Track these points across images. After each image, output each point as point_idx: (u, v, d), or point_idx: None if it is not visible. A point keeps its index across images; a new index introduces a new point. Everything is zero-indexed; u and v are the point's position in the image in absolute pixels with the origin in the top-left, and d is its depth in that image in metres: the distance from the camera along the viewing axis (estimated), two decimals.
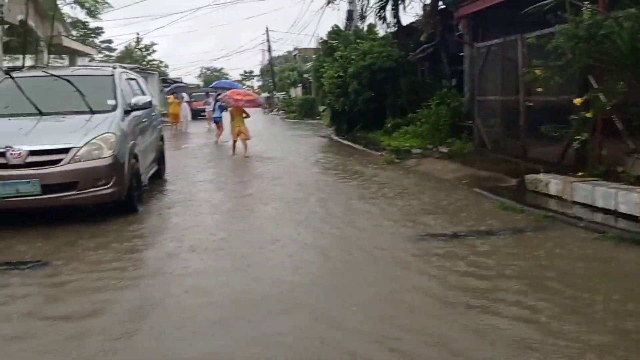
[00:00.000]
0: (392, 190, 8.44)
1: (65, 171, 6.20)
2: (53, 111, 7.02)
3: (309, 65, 37.27)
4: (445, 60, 13.59)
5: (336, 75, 16.93)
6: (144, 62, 45.95)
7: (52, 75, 7.47)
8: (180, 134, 22.96)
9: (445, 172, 9.63)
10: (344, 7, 21.13)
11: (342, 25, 19.84)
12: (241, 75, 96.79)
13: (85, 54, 20.17)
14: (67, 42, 16.90)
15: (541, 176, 7.51)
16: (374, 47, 16.23)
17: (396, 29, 15.55)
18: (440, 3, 12.97)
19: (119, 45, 62.55)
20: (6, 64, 13.04)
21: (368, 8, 17.50)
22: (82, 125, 6.69)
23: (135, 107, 7.78)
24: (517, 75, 9.83)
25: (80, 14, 17.24)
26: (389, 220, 6.40)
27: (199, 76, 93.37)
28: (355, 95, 16.17)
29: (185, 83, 43.41)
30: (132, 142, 7.23)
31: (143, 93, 9.51)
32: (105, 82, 7.74)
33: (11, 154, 6.02)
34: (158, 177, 9.89)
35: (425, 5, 14.11)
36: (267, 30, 54.69)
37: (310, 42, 40.08)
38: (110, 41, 69.12)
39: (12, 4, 12.63)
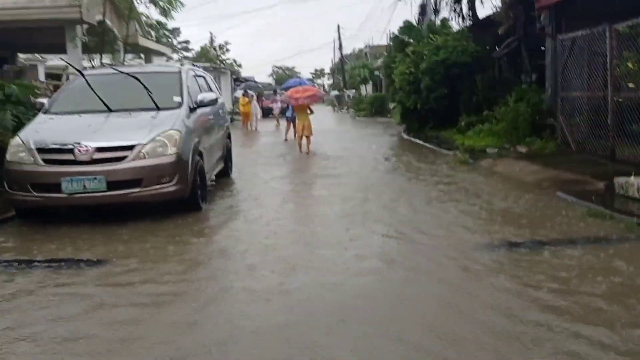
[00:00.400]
0: (465, 192, 7.93)
1: (130, 168, 6.19)
2: (121, 108, 7.07)
3: (379, 62, 36.75)
4: (525, 54, 12.78)
5: (408, 71, 16.43)
6: (218, 61, 46.99)
7: (121, 72, 7.51)
8: (250, 132, 23.18)
9: (524, 174, 8.97)
10: (416, 2, 20.60)
11: (414, 21, 19.26)
12: (312, 73, 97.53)
13: (160, 54, 20.71)
14: (143, 42, 17.38)
15: (632, 179, 6.77)
16: (448, 42, 15.60)
17: (471, 22, 14.80)
18: None
19: (195, 46, 64.79)
20: (85, 63, 13.52)
21: (442, 2, 16.86)
22: (148, 122, 6.68)
23: (201, 104, 7.72)
24: (605, 70, 9.02)
25: (155, 14, 17.68)
26: (461, 226, 5.93)
27: (271, 74, 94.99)
28: (427, 92, 15.61)
29: (255, 81, 44.02)
30: (197, 139, 7.16)
31: (210, 90, 9.52)
32: (172, 79, 7.73)
33: (79, 150, 6.08)
34: (224, 174, 9.86)
35: None
36: (338, 28, 54.45)
37: (381, 39, 39.57)
38: (187, 41, 71.83)
39: (90, 5, 13.06)
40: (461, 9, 14.80)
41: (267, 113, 38.74)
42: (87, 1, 12.91)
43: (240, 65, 54.27)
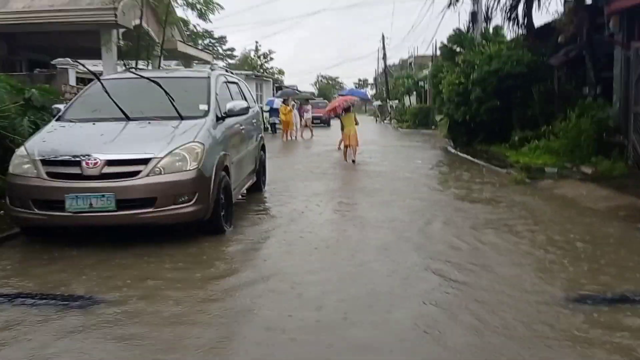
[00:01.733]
0: (524, 219, 6.90)
1: (143, 185, 5.45)
2: (141, 116, 6.38)
3: (424, 72, 35.62)
4: (589, 64, 11.58)
5: (457, 81, 15.37)
6: (261, 70, 46.79)
7: (142, 77, 6.82)
8: (290, 142, 22.48)
9: (593, 200, 7.85)
10: (466, 9, 19.51)
11: (464, 29, 18.18)
12: (355, 83, 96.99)
13: (201, 60, 20.29)
14: (182, 47, 16.93)
15: None
16: (502, 51, 14.49)
17: (527, 30, 13.67)
18: None
19: (240, 54, 65.01)
20: (119, 68, 13.07)
21: (495, 9, 15.74)
22: (168, 133, 5.95)
23: (231, 114, 6.97)
24: None
25: (193, 18, 17.20)
26: (527, 269, 4.92)
27: (315, 83, 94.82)
28: (477, 104, 14.52)
29: (298, 90, 43.44)
30: (223, 152, 6.39)
31: (244, 98, 8.80)
32: (199, 85, 7.01)
33: (87, 163, 5.38)
34: (257, 189, 9.11)
35: (566, 1, 12.18)
36: (382, 37, 53.70)
37: (427, 49, 38.39)
38: (232, 49, 72.45)
39: (126, 8, 12.60)
40: (516, 15, 13.65)
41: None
42: (122, 4, 12.46)
43: (283, 73, 53.94)
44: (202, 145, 5.83)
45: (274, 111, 27.86)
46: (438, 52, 23.03)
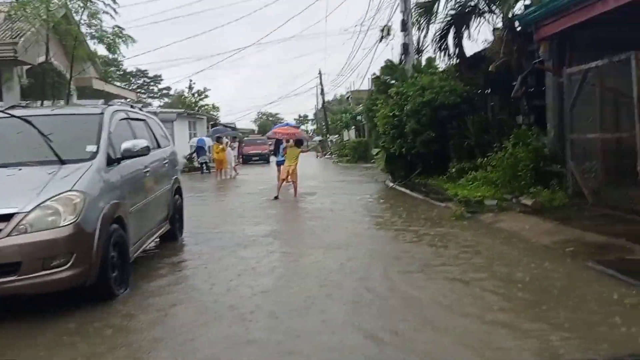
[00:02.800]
0: (469, 259, 6.22)
1: (3, 247, 4.36)
2: (13, 161, 5.30)
3: (361, 107, 35.62)
4: (522, 92, 11.32)
5: (391, 114, 14.94)
6: (195, 107, 45.58)
7: (9, 115, 5.76)
8: (224, 181, 21.43)
9: (538, 234, 7.27)
10: (398, 42, 19.36)
11: (396, 61, 17.94)
12: (295, 119, 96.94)
13: (124, 98, 19.10)
14: (98, 85, 15.75)
15: None
16: (435, 82, 14.18)
17: (459, 59, 13.42)
18: (516, 24, 10.80)
19: (174, 91, 63.60)
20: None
21: (426, 39, 15.53)
22: (42, 181, 4.89)
23: (128, 155, 5.97)
24: (630, 106, 7.51)
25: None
26: (482, 325, 4.15)
27: (255, 120, 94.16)
28: (413, 136, 14.07)
29: (234, 128, 42.58)
30: (116, 201, 5.37)
31: (154, 137, 7.85)
32: (89, 123, 5.99)
33: None
34: (171, 238, 8.07)
35: (495, 29, 11.99)
36: (320, 73, 53.78)
37: (361, 84, 38.56)
38: (168, 88, 71.02)
39: (29, 43, 11.44)
40: (447, 45, 13.40)
41: (247, 159, 37.24)
42: (24, 39, 11.30)
43: (217, 110, 52.82)
44: (81, 194, 4.80)
45: (202, 150, 26.72)
46: (373, 87, 22.90)
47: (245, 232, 8.89)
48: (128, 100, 17.82)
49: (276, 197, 13.12)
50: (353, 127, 39.59)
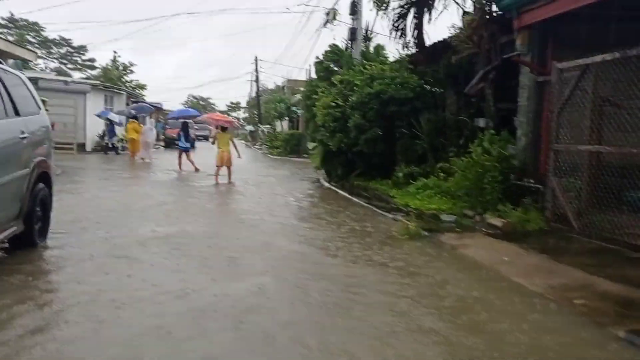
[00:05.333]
0: (431, 305, 4.38)
1: None
2: None
3: (297, 97, 33.57)
4: (488, 90, 9.67)
5: (333, 104, 12.98)
6: (119, 83, 41.80)
7: None
8: (136, 166, 18.73)
9: (523, 271, 5.49)
10: (341, 30, 17.53)
11: (342, 46, 16.01)
12: (227, 105, 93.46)
13: (18, 58, 16.01)
14: None
15: None
16: (385, 72, 12.36)
17: (418, 46, 11.64)
18: (493, 8, 9.10)
19: (100, 65, 58.93)
20: None
21: (376, 25, 13.76)
22: None
23: None
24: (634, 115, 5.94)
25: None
26: None
27: (185, 103, 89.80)
28: (356, 132, 12.18)
29: (160, 107, 39.35)
30: None
31: (7, 101, 5.49)
32: None
33: None
34: (28, 244, 5.75)
35: (465, 14, 10.26)
36: (256, 59, 51.24)
37: (299, 73, 36.53)
38: (93, 60, 66.02)
39: None
40: (404, 27, 11.58)
41: (170, 143, 34.19)
42: None
43: (143, 88, 48.92)
44: None
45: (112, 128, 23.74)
46: (313, 76, 20.80)
47: (135, 234, 6.64)
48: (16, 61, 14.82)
49: (229, 182, 13.25)
50: (287, 118, 37.43)
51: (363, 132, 12.09)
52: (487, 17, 9.35)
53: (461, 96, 10.89)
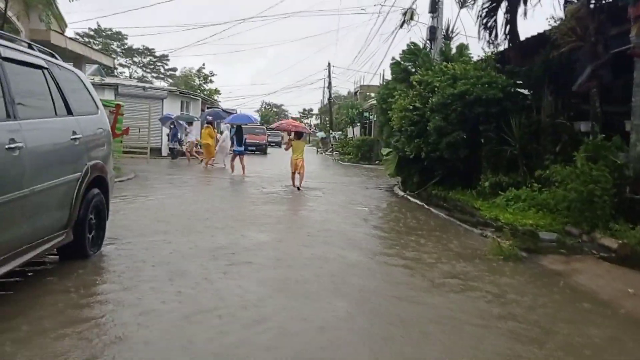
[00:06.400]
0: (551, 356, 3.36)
1: None
2: None
3: (370, 101, 32.69)
4: (594, 90, 8.41)
5: (411, 106, 12.01)
6: (198, 90, 42.46)
7: None
8: (208, 170, 18.49)
9: None
10: (418, 33, 16.47)
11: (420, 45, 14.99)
12: (300, 112, 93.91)
13: (97, 63, 16.19)
14: (58, 40, 12.82)
15: None
16: (469, 71, 11.27)
17: (510, 42, 10.47)
18: None
19: (180, 72, 60.73)
20: None
21: (457, 24, 12.71)
22: None
23: None
24: None
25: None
26: None
27: (258, 110, 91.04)
28: (437, 136, 11.15)
29: (230, 112, 39.60)
30: None
31: (58, 98, 5.04)
32: None
33: None
34: (78, 255, 5.28)
35: (567, 3, 9.03)
36: (329, 65, 50.85)
37: (372, 79, 35.66)
38: (175, 69, 68.57)
39: None
40: (494, 24, 10.46)
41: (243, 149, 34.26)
42: None
43: (218, 93, 49.46)
44: None
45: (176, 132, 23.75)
46: (385, 81, 19.75)
47: (204, 245, 6.01)
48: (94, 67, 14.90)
49: (298, 188, 13.17)
50: (359, 124, 36.60)
51: (445, 136, 11.04)
52: (594, 5, 8.11)
53: (559, 97, 9.63)
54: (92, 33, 60.83)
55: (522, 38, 10.36)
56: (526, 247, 6.76)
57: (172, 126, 23.81)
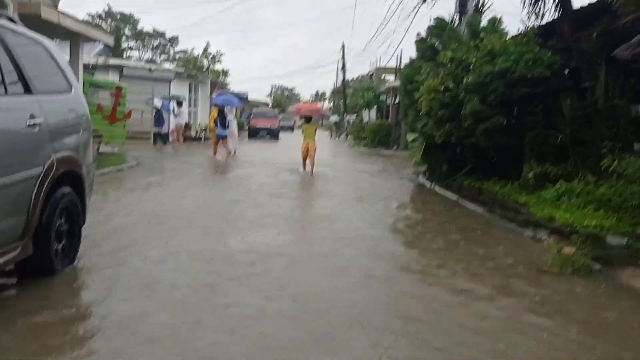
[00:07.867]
0: None
1: None
2: None
3: (387, 85, 31.24)
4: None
5: (442, 87, 10.69)
6: (206, 72, 41.18)
7: None
8: (213, 157, 17.34)
9: None
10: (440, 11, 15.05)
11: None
12: (312, 95, 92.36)
13: (94, 40, 15.01)
14: (48, 14, 11.59)
15: None
16: (510, 46, 9.93)
17: (562, 14, 9.09)
18: None
19: (187, 53, 59.59)
20: None
21: None
22: None
23: None
24: None
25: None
26: None
27: (269, 94, 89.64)
28: (473, 121, 9.84)
29: (243, 97, 38.39)
30: None
31: (12, 72, 3.88)
32: None
33: None
34: (40, 272, 4.18)
35: None
36: (342, 46, 49.20)
37: (389, 60, 34.15)
38: (185, 51, 67.47)
39: None
40: None
41: (254, 133, 33.09)
42: None
43: (226, 74, 47.94)
44: None
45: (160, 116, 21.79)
46: (403, 64, 18.19)
47: (216, 247, 4.85)
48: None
49: (311, 174, 13.02)
50: (375, 106, 35.12)
51: (482, 121, 9.74)
52: None
53: (619, 75, 8.30)
54: (103, 15, 59.86)
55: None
56: (594, 255, 5.53)
57: (155, 110, 21.61)
